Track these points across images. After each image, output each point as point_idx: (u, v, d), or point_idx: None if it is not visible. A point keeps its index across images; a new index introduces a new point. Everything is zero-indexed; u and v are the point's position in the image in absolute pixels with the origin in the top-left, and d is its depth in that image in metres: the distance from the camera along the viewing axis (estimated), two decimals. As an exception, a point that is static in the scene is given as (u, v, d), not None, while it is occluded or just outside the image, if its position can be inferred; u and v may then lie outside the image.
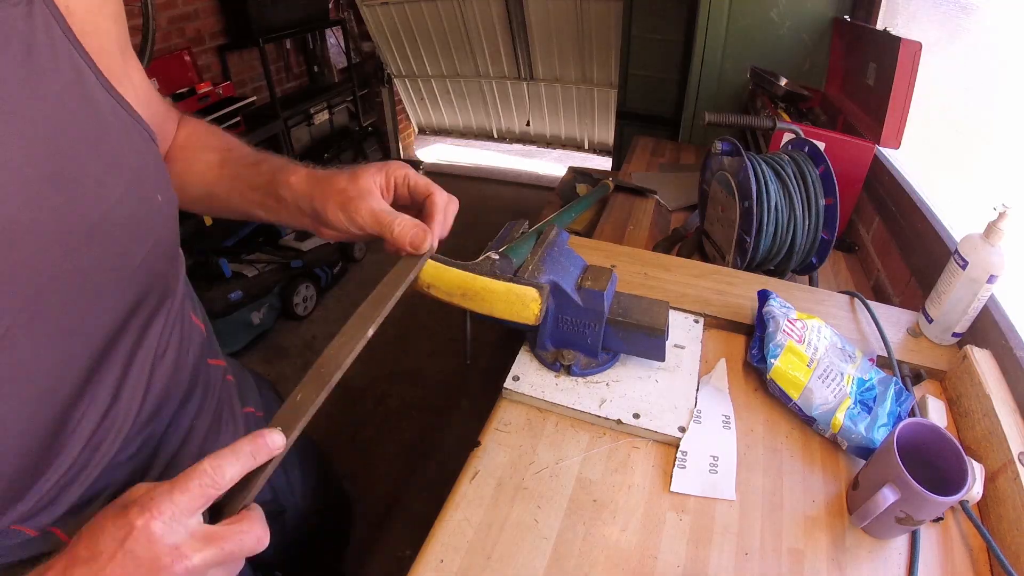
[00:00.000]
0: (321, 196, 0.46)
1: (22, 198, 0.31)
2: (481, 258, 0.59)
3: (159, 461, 0.46)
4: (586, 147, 3.66)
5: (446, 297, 0.57)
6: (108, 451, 0.40)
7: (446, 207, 0.48)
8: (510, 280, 0.56)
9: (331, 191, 0.46)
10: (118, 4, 0.41)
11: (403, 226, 0.45)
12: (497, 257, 0.59)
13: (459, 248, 0.57)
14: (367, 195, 0.45)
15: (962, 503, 0.55)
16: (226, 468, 0.32)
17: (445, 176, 3.72)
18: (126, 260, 0.38)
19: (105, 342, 0.38)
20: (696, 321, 0.76)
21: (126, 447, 0.41)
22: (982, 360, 0.65)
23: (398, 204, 0.49)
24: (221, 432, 0.53)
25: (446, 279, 0.56)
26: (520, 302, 0.55)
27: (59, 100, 0.33)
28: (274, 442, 0.34)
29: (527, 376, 0.65)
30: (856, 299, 0.80)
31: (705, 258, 1.04)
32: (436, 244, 0.47)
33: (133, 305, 0.40)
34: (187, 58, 2.25)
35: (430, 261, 0.55)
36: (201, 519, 0.32)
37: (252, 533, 0.33)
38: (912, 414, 0.64)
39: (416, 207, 0.49)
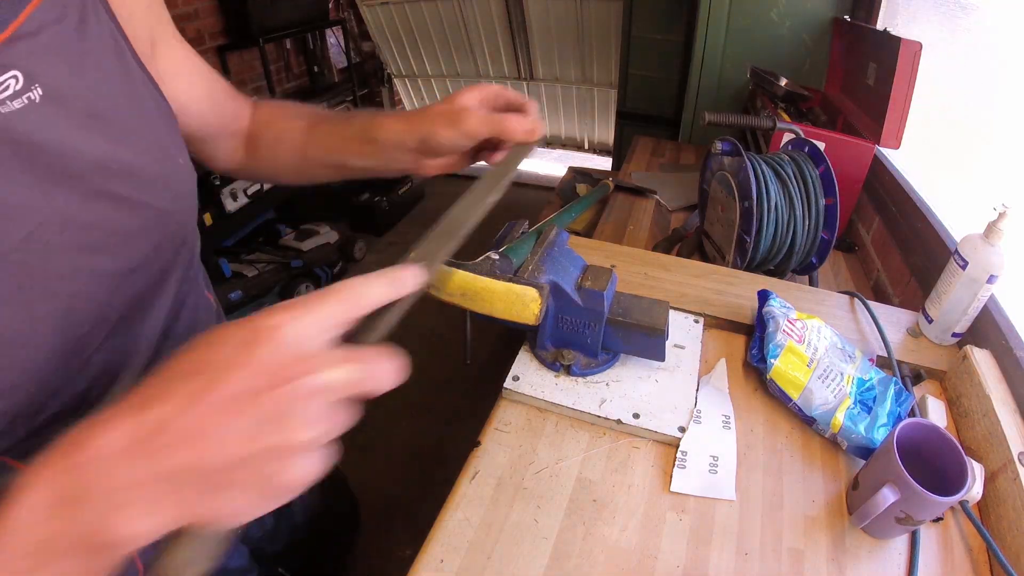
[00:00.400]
0: (425, 124, 0.49)
1: (73, 125, 0.35)
2: (481, 258, 0.59)
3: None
4: (586, 147, 3.66)
5: (446, 297, 0.57)
6: (122, 383, 0.42)
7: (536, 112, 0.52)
8: (510, 280, 0.56)
9: (433, 116, 0.49)
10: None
11: (516, 119, 0.48)
12: (497, 257, 0.59)
13: (459, 248, 0.57)
14: (471, 106, 0.48)
15: (962, 503, 0.55)
16: (367, 289, 0.28)
17: (445, 176, 3.72)
18: (153, 201, 0.42)
19: (130, 268, 0.41)
20: (696, 321, 0.76)
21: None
22: (982, 360, 0.65)
23: None
24: None
25: (446, 279, 0.56)
26: (520, 302, 0.55)
27: (103, 61, 0.39)
28: (414, 275, 0.31)
29: (527, 376, 0.65)
30: (856, 299, 0.80)
31: (705, 258, 1.04)
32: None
33: (156, 244, 0.43)
34: (187, 58, 2.25)
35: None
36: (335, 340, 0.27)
37: (387, 361, 0.28)
38: (912, 414, 0.64)
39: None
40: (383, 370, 0.28)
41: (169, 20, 0.50)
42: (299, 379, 0.24)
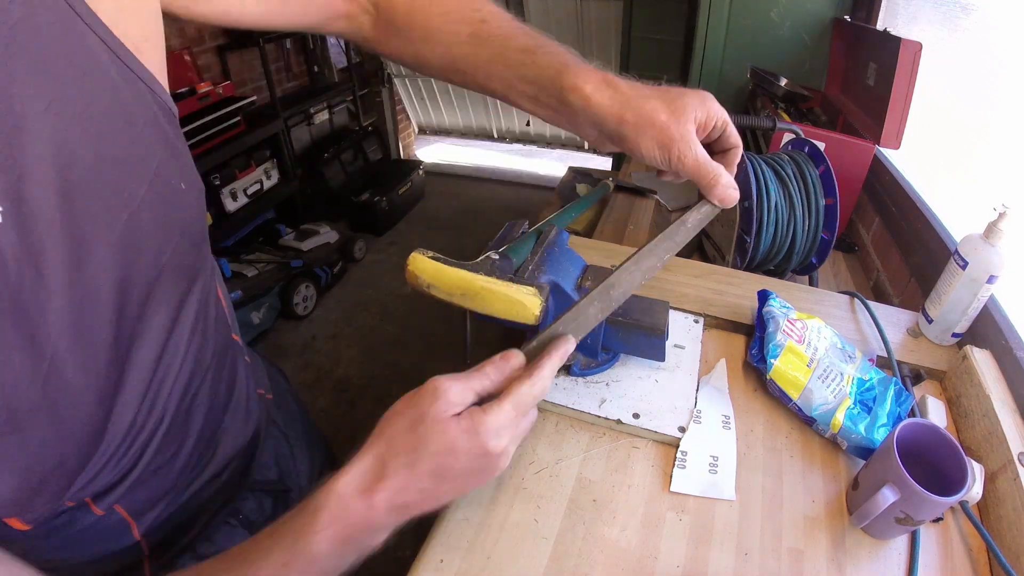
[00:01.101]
0: (635, 124, 0.41)
1: (45, 230, 0.29)
2: (481, 258, 0.59)
3: (191, 434, 0.46)
4: (586, 147, 3.66)
5: (446, 297, 0.57)
6: (148, 428, 0.40)
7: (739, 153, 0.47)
8: (510, 280, 0.55)
9: (648, 123, 0.41)
10: None
11: (726, 185, 0.43)
12: (497, 257, 0.59)
13: (459, 248, 0.57)
14: (691, 139, 0.41)
15: (962, 503, 0.55)
16: (542, 384, 0.40)
17: (445, 176, 3.72)
18: (156, 257, 0.38)
19: (138, 331, 0.38)
20: (696, 321, 0.76)
21: (161, 422, 0.42)
22: (982, 360, 0.65)
23: (708, 139, 0.46)
24: (235, 409, 0.53)
25: (446, 279, 0.56)
26: (520, 302, 0.55)
27: (69, 100, 0.31)
28: (570, 346, 0.44)
29: (527, 376, 0.65)
30: (856, 299, 0.80)
31: (705, 258, 1.04)
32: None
33: (168, 295, 0.40)
34: (187, 58, 2.25)
35: (429, 260, 0.55)
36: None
37: (539, 379, 0.41)
38: (912, 414, 0.64)
39: (710, 147, 0.46)
40: (539, 387, 0.41)
41: None
42: (502, 454, 0.39)
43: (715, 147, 0.46)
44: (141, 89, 0.36)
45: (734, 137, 0.45)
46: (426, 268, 0.55)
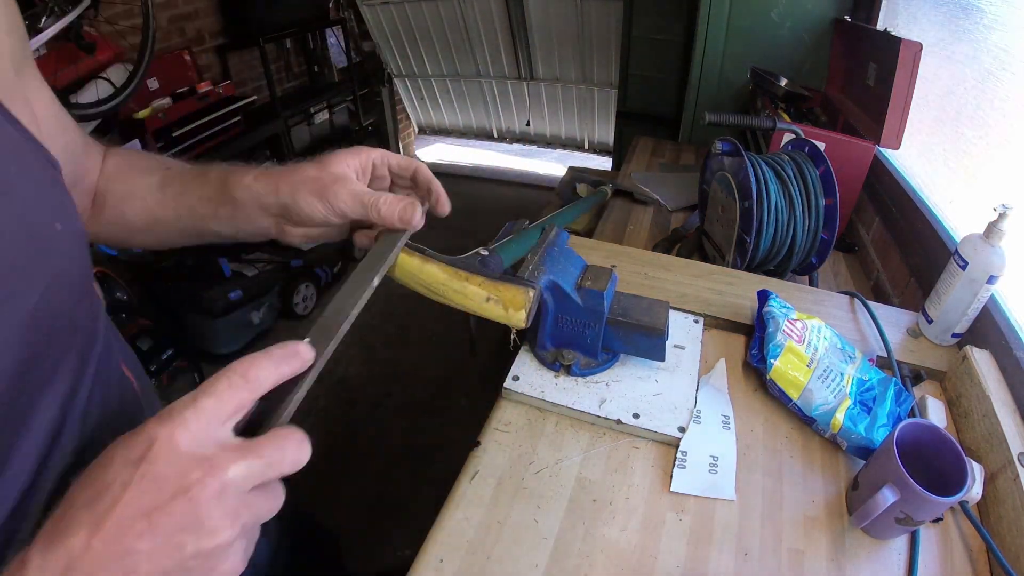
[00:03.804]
0: (289, 187, 0.43)
1: None
2: (470, 253, 0.57)
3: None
4: (586, 147, 3.66)
5: (427, 292, 0.55)
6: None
7: (433, 179, 0.47)
8: (498, 279, 0.54)
9: (300, 180, 0.43)
10: (14, 16, 0.36)
11: (389, 202, 0.42)
12: (486, 253, 0.57)
13: (460, 248, 0.56)
14: (343, 179, 0.43)
15: (962, 504, 0.55)
16: (257, 368, 0.28)
17: (445, 176, 3.71)
18: (16, 302, 0.31)
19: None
20: (696, 321, 0.76)
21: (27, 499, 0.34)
22: (982, 360, 0.65)
23: (380, 187, 0.47)
24: None
25: (428, 273, 0.54)
26: (504, 303, 0.53)
27: None
28: (306, 351, 0.31)
29: (527, 376, 0.65)
30: (856, 299, 0.80)
31: (705, 258, 1.04)
32: (423, 218, 0.45)
33: (26, 356, 0.31)
34: (187, 58, 2.25)
35: (411, 252, 0.53)
36: (232, 432, 0.27)
37: (291, 442, 0.27)
38: (912, 415, 0.64)
39: (401, 186, 0.48)
40: (287, 454, 0.27)
41: (31, 56, 0.39)
42: (198, 485, 0.24)
43: (398, 178, 0.48)
44: (13, 136, 0.33)
45: (405, 163, 0.47)
46: (410, 262, 0.54)
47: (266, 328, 2.21)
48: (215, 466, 0.25)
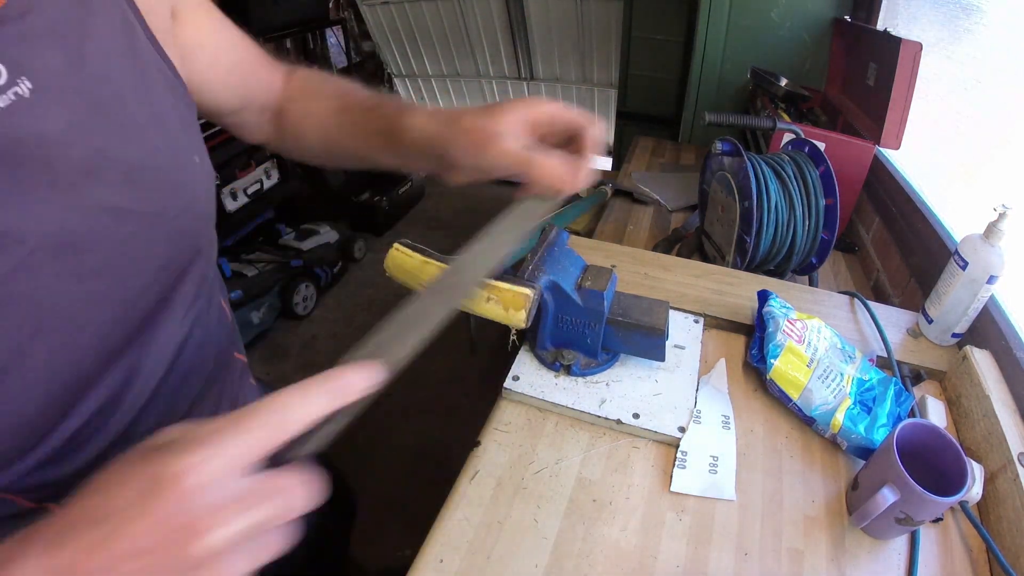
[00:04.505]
0: (449, 137, 0.42)
1: (65, 122, 0.31)
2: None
3: None
4: (586, 147, 3.66)
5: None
6: (121, 420, 0.38)
7: (592, 148, 0.44)
8: (497, 278, 0.54)
9: (459, 131, 0.42)
10: None
11: (546, 166, 0.40)
12: None
13: (459, 249, 0.56)
14: (499, 137, 0.41)
15: (962, 504, 0.55)
16: (300, 410, 0.25)
17: (445, 176, 3.72)
18: (162, 210, 0.37)
19: (135, 292, 0.36)
20: (696, 321, 0.76)
21: (141, 420, 0.40)
22: (982, 360, 0.65)
23: (551, 143, 0.44)
24: None
25: (428, 272, 0.54)
26: (504, 303, 0.53)
27: (108, 43, 0.34)
28: (365, 379, 0.27)
29: (527, 376, 0.65)
30: (856, 299, 0.80)
31: (705, 258, 1.04)
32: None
33: (165, 262, 0.39)
34: (187, 57, 2.24)
35: (407, 251, 0.53)
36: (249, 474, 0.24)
37: (306, 488, 0.25)
38: (912, 415, 0.64)
39: (564, 144, 0.44)
40: (298, 501, 0.25)
41: None
42: (204, 536, 0.22)
43: (564, 137, 0.45)
44: (166, 72, 0.39)
45: (575, 121, 0.43)
46: (405, 261, 0.53)
47: (266, 328, 2.21)
48: (222, 520, 0.23)
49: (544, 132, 0.43)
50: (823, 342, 0.66)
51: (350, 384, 0.27)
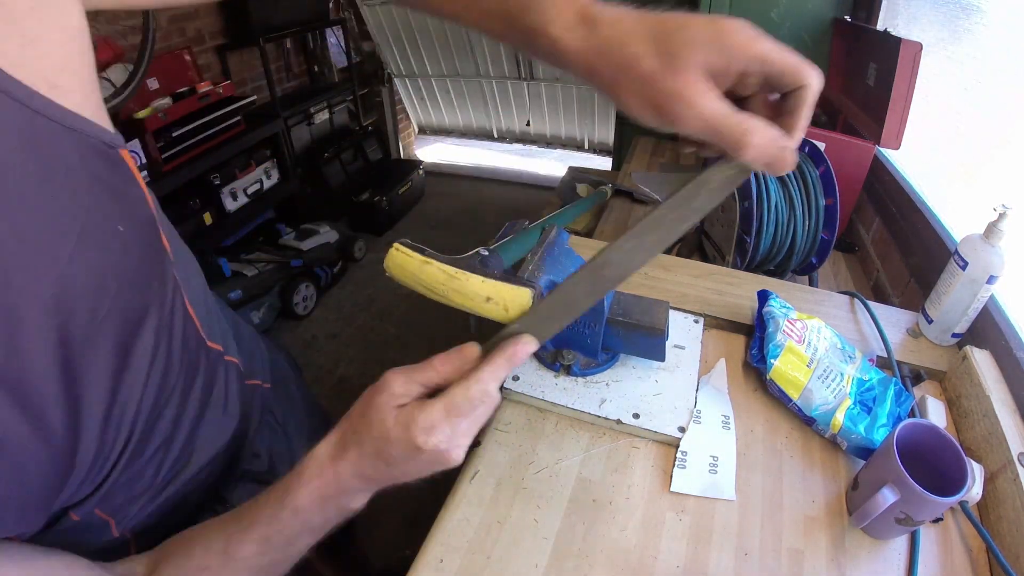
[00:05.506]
0: (612, 79, 0.31)
1: None
2: (470, 253, 0.57)
3: (160, 444, 0.45)
4: (586, 147, 3.66)
5: (427, 292, 0.55)
6: (114, 450, 0.39)
7: (806, 115, 0.32)
8: (495, 279, 0.54)
9: (631, 74, 0.30)
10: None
11: (762, 140, 0.30)
12: (486, 253, 0.57)
13: (460, 248, 0.56)
14: (693, 92, 0.30)
15: (962, 504, 0.55)
16: (498, 381, 0.39)
17: (445, 176, 3.72)
18: (93, 309, 0.34)
19: (86, 378, 0.35)
20: (696, 321, 0.76)
21: (130, 442, 0.41)
22: (982, 361, 0.65)
23: (743, 92, 0.33)
24: (212, 413, 0.51)
25: (428, 272, 0.54)
26: (504, 303, 0.53)
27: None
28: (524, 348, 0.41)
29: (527, 376, 0.65)
30: (856, 299, 0.80)
31: (705, 258, 1.04)
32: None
33: (111, 344, 0.36)
34: (187, 57, 2.24)
35: (407, 251, 0.53)
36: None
37: (477, 387, 0.38)
38: (912, 415, 0.64)
39: (768, 93, 0.33)
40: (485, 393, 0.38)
41: None
42: (442, 450, 0.37)
43: (770, 86, 0.32)
44: (56, 133, 0.31)
45: (792, 72, 0.31)
46: (404, 261, 0.53)
47: (266, 328, 2.21)
48: (457, 448, 0.38)
49: (740, 80, 0.31)
50: (823, 342, 0.66)
51: (521, 353, 0.40)
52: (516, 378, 0.65)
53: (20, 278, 0.30)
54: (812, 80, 0.31)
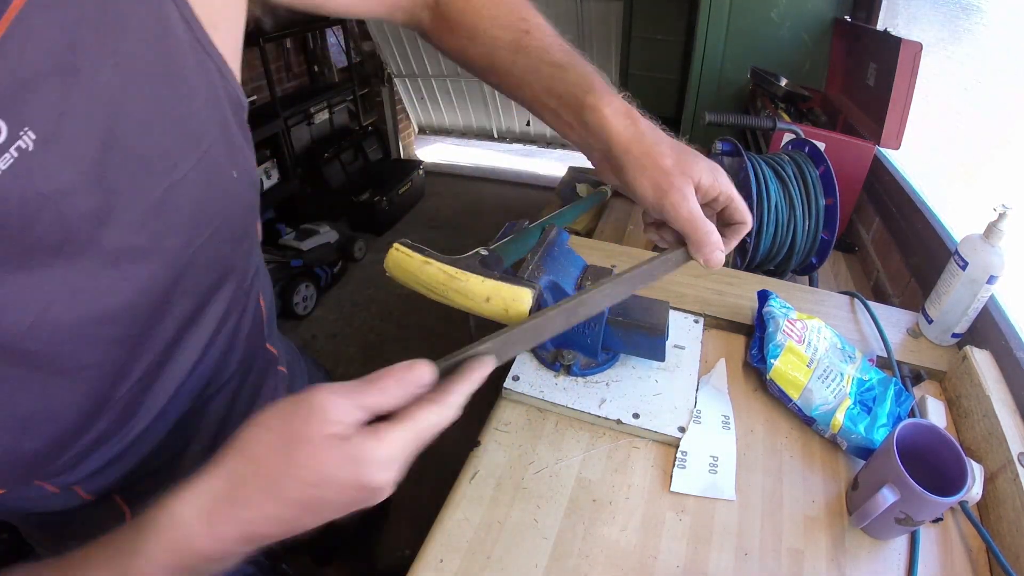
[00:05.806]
0: (639, 159, 0.41)
1: (76, 171, 0.28)
2: (470, 253, 0.57)
3: (199, 440, 0.45)
4: (586, 147, 3.66)
5: (427, 292, 0.55)
6: (144, 417, 0.39)
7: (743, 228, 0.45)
8: (495, 279, 0.54)
9: (652, 162, 0.40)
10: None
11: (714, 243, 0.41)
12: (486, 253, 0.57)
13: (460, 248, 0.56)
14: (688, 193, 0.40)
15: (961, 504, 0.55)
16: (451, 412, 0.36)
17: (445, 176, 3.72)
18: (187, 242, 0.35)
19: (153, 329, 0.36)
20: (696, 321, 0.76)
21: (163, 417, 0.41)
22: (982, 361, 0.65)
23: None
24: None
25: (428, 272, 0.54)
26: (503, 303, 0.53)
27: (132, 59, 0.30)
28: (487, 369, 0.38)
29: (527, 376, 0.65)
30: (856, 299, 0.80)
31: (705, 258, 1.04)
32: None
33: (187, 290, 0.37)
34: (187, 57, 2.24)
35: (407, 251, 0.53)
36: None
37: (449, 411, 0.36)
38: (912, 415, 0.64)
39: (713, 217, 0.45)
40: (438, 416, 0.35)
41: None
42: (386, 486, 0.33)
43: (720, 219, 0.45)
44: (208, 68, 0.35)
45: (741, 213, 0.44)
46: (407, 261, 0.53)
47: (266, 328, 2.21)
48: (392, 480, 0.33)
49: (710, 203, 0.44)
50: (823, 342, 0.66)
51: (482, 375, 0.37)
52: (516, 378, 0.65)
53: (136, 166, 0.31)
54: (749, 221, 0.45)
